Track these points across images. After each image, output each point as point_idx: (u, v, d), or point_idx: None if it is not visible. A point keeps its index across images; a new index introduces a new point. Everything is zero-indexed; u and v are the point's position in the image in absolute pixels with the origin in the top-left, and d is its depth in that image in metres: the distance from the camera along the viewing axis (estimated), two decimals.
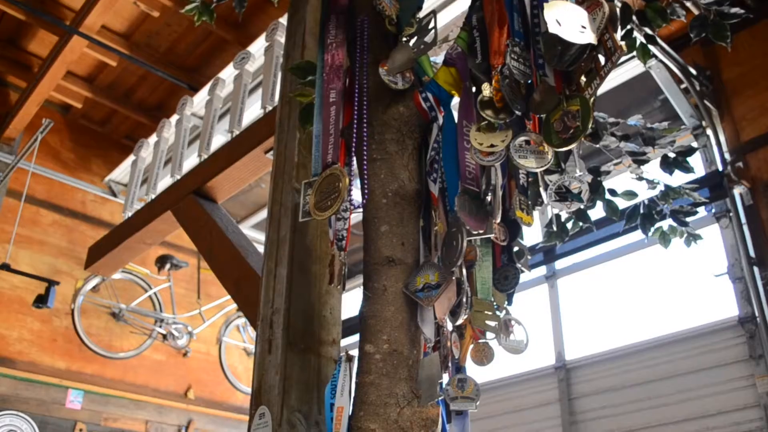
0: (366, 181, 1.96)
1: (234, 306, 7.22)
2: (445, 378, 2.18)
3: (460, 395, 2.16)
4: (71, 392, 6.44)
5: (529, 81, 1.81)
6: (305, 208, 1.92)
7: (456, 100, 2.08)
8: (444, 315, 1.85)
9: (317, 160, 1.98)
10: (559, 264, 6.34)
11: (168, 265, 6.88)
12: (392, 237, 1.92)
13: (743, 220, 5.41)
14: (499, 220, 1.89)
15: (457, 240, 1.81)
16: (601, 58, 1.75)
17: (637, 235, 5.88)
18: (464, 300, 1.89)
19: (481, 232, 1.83)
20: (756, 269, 5.24)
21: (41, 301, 5.93)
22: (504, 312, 2.24)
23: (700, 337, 5.43)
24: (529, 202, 2.27)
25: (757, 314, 5.14)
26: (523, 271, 2.29)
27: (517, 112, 1.79)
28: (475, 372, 2.22)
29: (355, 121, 2.01)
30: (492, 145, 1.80)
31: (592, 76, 1.77)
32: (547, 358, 6.02)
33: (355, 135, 2.00)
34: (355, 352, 1.90)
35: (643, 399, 5.46)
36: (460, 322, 1.94)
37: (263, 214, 7.31)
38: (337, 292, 2.24)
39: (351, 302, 5.94)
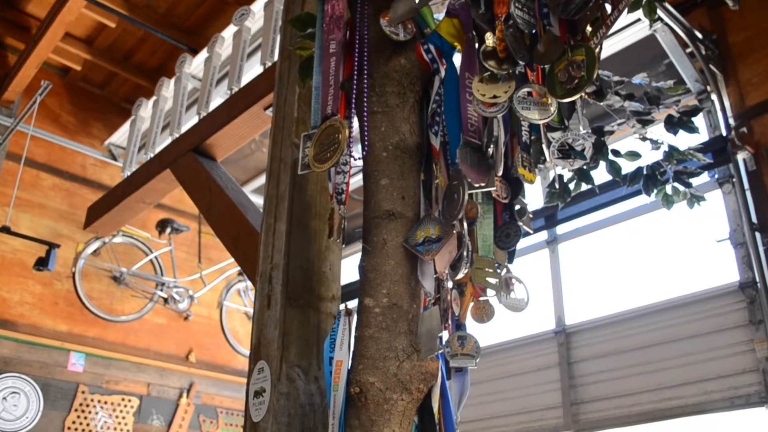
0: (366, 134, 1.93)
1: (235, 270, 7.23)
2: (445, 335, 2.17)
3: (460, 352, 2.15)
4: (73, 355, 6.47)
5: (534, 31, 1.77)
6: (304, 161, 1.89)
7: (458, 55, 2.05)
8: (444, 269, 1.84)
9: (316, 112, 1.95)
10: (561, 229, 6.32)
11: (169, 229, 6.87)
12: (392, 190, 1.90)
13: (746, 185, 5.38)
14: (501, 173, 1.87)
15: (458, 193, 1.79)
16: (608, 7, 1.71)
17: (639, 200, 5.87)
18: (465, 254, 1.87)
19: (482, 184, 1.80)
20: (758, 235, 5.22)
21: (42, 263, 5.93)
22: (505, 270, 2.23)
23: (701, 302, 5.44)
24: (532, 160, 2.25)
25: (757, 280, 5.13)
26: (524, 230, 2.26)
27: (520, 62, 1.75)
28: (475, 335, 2.21)
29: (356, 73, 1.97)
30: (494, 96, 1.77)
31: (598, 25, 1.73)
32: (547, 323, 6.03)
33: (355, 87, 1.97)
34: (354, 305, 1.89)
35: (642, 363, 5.48)
36: (460, 276, 1.92)
37: (264, 179, 7.29)
38: (337, 248, 2.22)
39: (350, 266, 5.93)
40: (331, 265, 2.19)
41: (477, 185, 1.79)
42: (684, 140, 3.11)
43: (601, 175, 3.16)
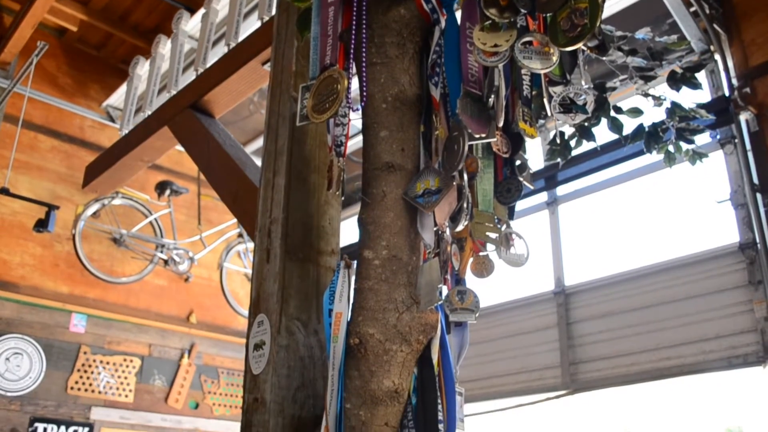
0: (365, 86, 1.90)
1: (235, 232, 7.23)
2: (445, 290, 2.17)
3: (459, 307, 2.15)
4: (74, 316, 6.50)
5: None
6: (303, 112, 1.87)
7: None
8: (444, 220, 1.83)
9: (315, 63, 1.93)
10: (561, 190, 6.31)
11: (168, 191, 6.85)
12: (392, 142, 1.88)
13: (748, 146, 5.35)
14: (501, 123, 1.84)
15: (458, 144, 1.77)
16: None
17: (640, 161, 5.84)
18: (465, 206, 1.86)
19: (483, 135, 1.79)
20: (759, 196, 5.21)
21: (41, 225, 5.92)
22: (505, 225, 2.21)
23: (700, 263, 5.45)
24: (533, 114, 2.22)
25: (757, 240, 5.13)
26: (525, 186, 2.25)
27: (522, 11, 1.72)
28: (474, 290, 2.20)
29: (354, 24, 1.94)
30: (496, 46, 1.74)
31: None
32: (546, 284, 6.05)
33: (353, 38, 1.94)
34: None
35: (641, 324, 5.51)
36: (460, 228, 1.91)
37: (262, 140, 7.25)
38: (336, 202, 2.21)
39: (349, 226, 5.92)
40: (331, 220, 2.18)
41: (477, 136, 1.77)
42: (687, 99, 3.07)
43: (602, 136, 3.14)
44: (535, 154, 6.18)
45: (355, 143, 6.65)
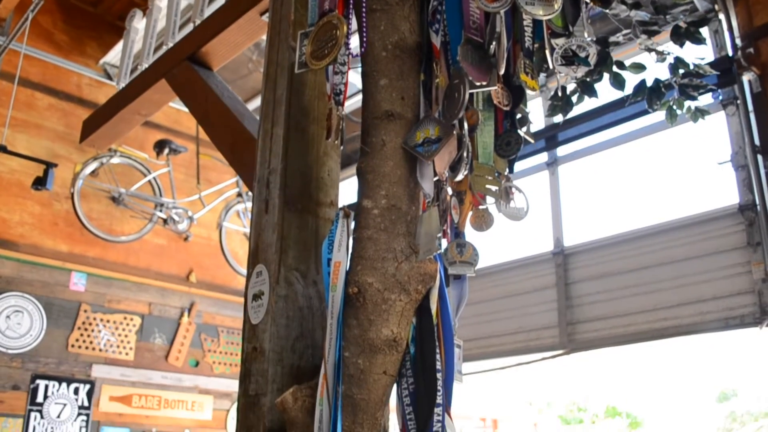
0: (365, 33, 1.87)
1: (234, 192, 7.21)
2: (444, 243, 2.16)
3: (458, 260, 2.15)
4: (74, 275, 6.52)
5: None
6: (301, 59, 1.84)
7: None
8: (444, 169, 1.81)
9: (314, 10, 1.89)
10: (561, 151, 6.28)
11: (167, 150, 6.81)
12: (392, 91, 1.85)
13: (750, 107, 5.31)
14: (503, 71, 1.82)
15: (459, 92, 1.74)
16: None
17: (641, 122, 5.81)
18: (464, 155, 1.84)
19: (484, 83, 1.76)
20: (759, 157, 5.19)
21: (40, 183, 5.90)
22: (505, 179, 2.20)
23: (699, 224, 5.45)
24: (534, 67, 2.19)
25: (757, 202, 5.13)
26: (525, 139, 2.23)
27: None
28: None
29: None
30: None
31: None
32: (545, 244, 6.06)
33: None
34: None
35: (639, 284, 5.53)
36: (460, 178, 1.90)
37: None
38: (335, 154, 2.19)
39: (348, 188, 5.91)
40: (330, 171, 2.16)
41: (478, 84, 1.75)
42: (690, 55, 3.03)
43: (603, 95, 3.10)
44: (535, 115, 6.14)
45: (354, 102, 6.61)
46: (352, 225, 1.84)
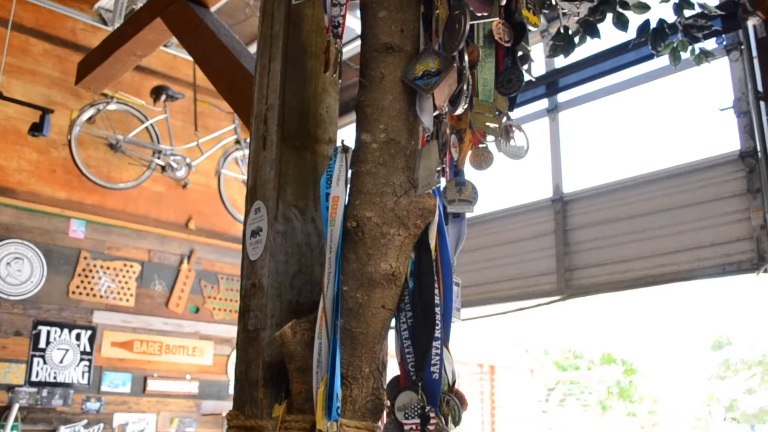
0: None
1: (232, 138, 7.17)
2: (443, 182, 2.15)
3: (457, 198, 2.14)
4: (73, 222, 6.52)
5: None
6: None
7: None
8: (443, 103, 1.79)
9: None
10: (562, 97, 6.22)
11: (164, 96, 6.73)
12: (391, 23, 1.82)
13: (754, 52, 5.25)
14: (504, 2, 1.78)
15: (459, 23, 1.71)
16: None
17: (643, 68, 5.74)
18: (465, 88, 1.82)
19: (485, 14, 1.73)
20: (762, 103, 5.15)
21: (36, 129, 5.85)
22: (505, 117, 2.18)
23: (699, 171, 5.43)
24: (536, 3, 2.15)
25: (758, 148, 5.10)
26: (526, 77, 2.20)
27: None
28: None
29: None
30: None
31: None
32: (544, 191, 6.05)
33: None
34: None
35: (637, 231, 5.54)
36: (459, 111, 1.87)
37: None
38: (333, 90, 2.16)
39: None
40: (328, 108, 2.14)
41: (479, 14, 1.72)
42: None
43: (605, 39, 3.04)
44: (536, 61, 6.07)
45: (352, 49, 6.52)
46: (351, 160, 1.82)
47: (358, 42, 1.91)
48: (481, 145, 2.18)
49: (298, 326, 1.76)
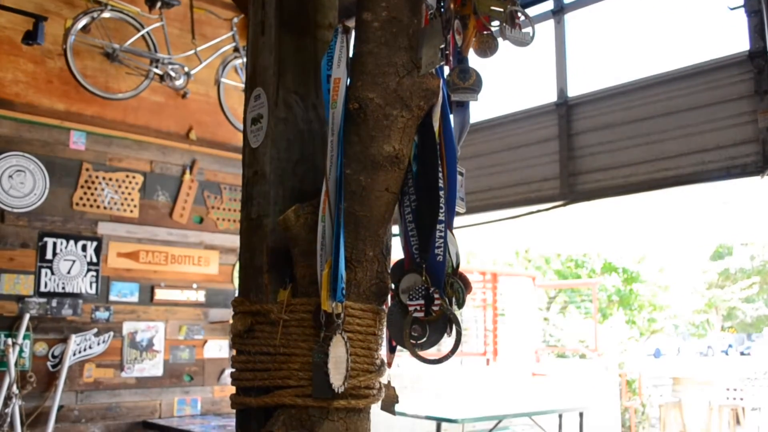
0: None
1: (231, 46, 7.02)
2: (447, 70, 2.10)
3: (461, 86, 2.10)
4: (74, 134, 6.47)
5: None
6: None
7: None
8: None
9: None
10: None
11: (159, 3, 6.55)
12: None
13: None
14: None
15: None
16: None
17: None
18: None
19: None
20: None
21: (30, 37, 5.73)
22: (510, 2, 2.11)
23: (706, 72, 5.35)
24: None
25: None
26: None
27: None
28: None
29: None
30: None
31: None
32: (548, 95, 5.97)
33: None
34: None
35: (642, 135, 5.49)
36: None
37: None
38: None
39: None
40: None
41: None
42: None
43: None
44: None
45: None
46: (352, 40, 1.77)
47: None
48: (485, 32, 2.12)
49: (302, 210, 1.76)
